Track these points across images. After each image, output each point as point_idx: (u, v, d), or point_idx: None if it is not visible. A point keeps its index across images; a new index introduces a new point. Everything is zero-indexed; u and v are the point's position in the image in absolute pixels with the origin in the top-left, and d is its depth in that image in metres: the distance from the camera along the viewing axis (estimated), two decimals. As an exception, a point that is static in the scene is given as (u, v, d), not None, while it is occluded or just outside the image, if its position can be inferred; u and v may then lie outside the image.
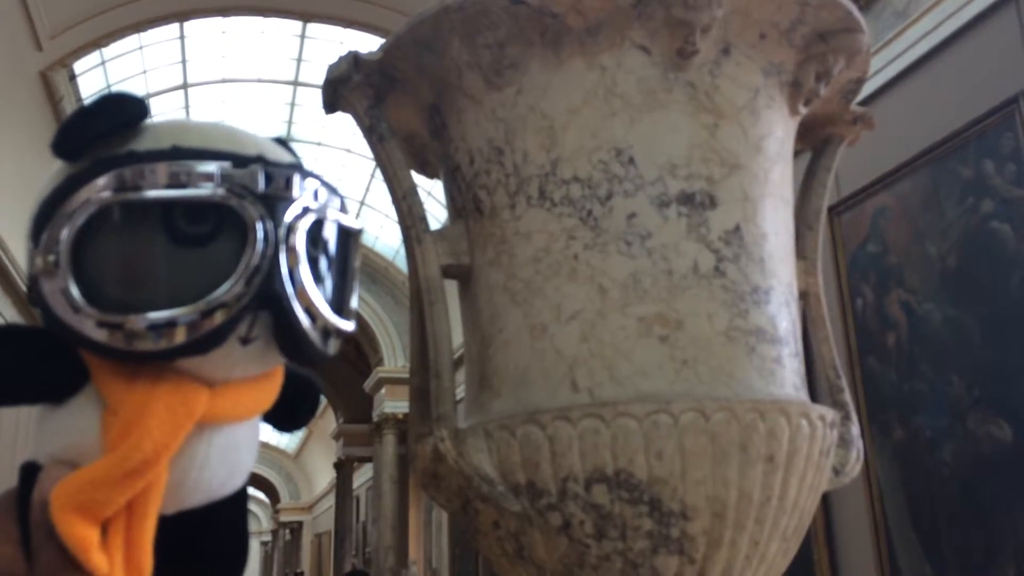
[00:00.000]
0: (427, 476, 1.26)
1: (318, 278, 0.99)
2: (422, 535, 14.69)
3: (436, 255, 1.31)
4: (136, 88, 10.36)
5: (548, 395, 1.19)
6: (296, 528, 30.18)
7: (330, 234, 1.04)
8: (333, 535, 21.80)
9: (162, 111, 11.05)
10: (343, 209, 1.05)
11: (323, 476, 25.92)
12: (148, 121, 1.01)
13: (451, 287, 1.34)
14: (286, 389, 1.11)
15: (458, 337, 1.35)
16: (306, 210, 0.97)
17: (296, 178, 0.98)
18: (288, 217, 0.95)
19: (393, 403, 14.31)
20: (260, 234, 0.92)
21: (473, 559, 10.10)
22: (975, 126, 3.49)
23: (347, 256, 1.08)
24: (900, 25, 4.01)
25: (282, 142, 1.13)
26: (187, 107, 11.40)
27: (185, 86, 11.08)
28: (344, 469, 19.68)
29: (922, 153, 3.76)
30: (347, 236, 1.07)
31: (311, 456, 26.96)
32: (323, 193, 1.02)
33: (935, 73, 3.82)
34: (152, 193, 0.92)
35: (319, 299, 0.97)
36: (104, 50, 8.93)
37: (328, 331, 1.00)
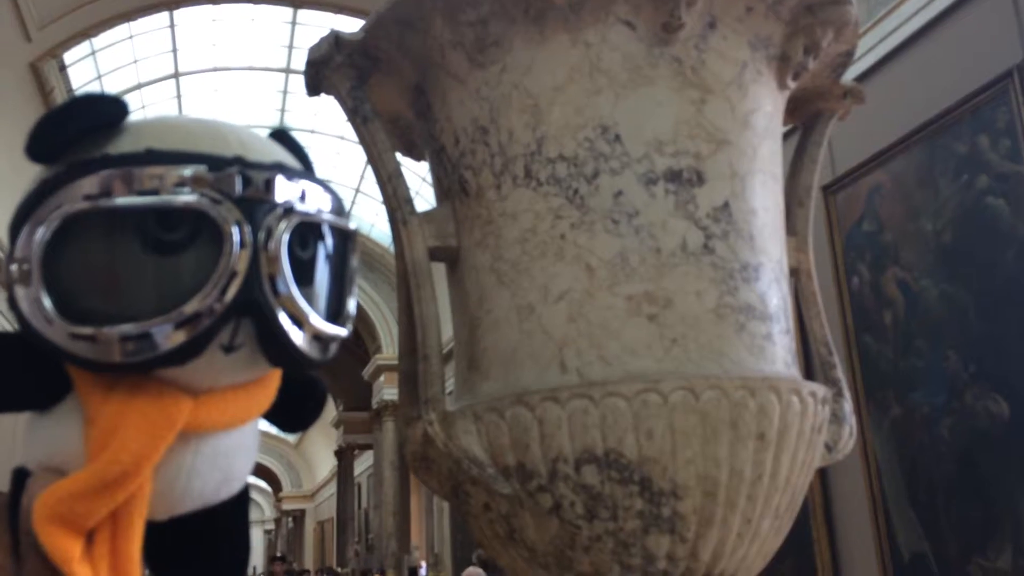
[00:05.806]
0: (417, 460, 1.25)
1: (306, 282, 0.95)
2: (424, 521, 14.74)
3: (423, 237, 1.29)
4: (127, 78, 10.31)
5: (537, 376, 1.17)
6: (299, 516, 30.29)
7: (323, 236, 1.00)
8: (335, 523, 21.89)
9: (154, 100, 11.01)
10: (337, 209, 1.00)
11: (324, 464, 25.98)
12: (128, 120, 0.97)
13: (440, 270, 1.33)
14: (289, 390, 1.07)
15: (448, 326, 1.33)
16: (289, 212, 0.92)
17: (279, 179, 0.93)
18: (268, 221, 0.91)
19: (392, 390, 14.33)
20: (236, 239, 0.88)
21: (475, 543, 10.14)
22: (969, 101, 3.47)
23: (343, 258, 1.03)
24: (894, 1, 3.99)
25: (281, 134, 1.08)
26: (179, 96, 11.36)
27: (176, 75, 11.03)
28: (345, 457, 19.75)
29: (916, 130, 3.74)
30: (343, 237, 1.03)
31: (312, 444, 27.03)
32: (313, 193, 0.97)
33: (929, 49, 3.80)
34: (123, 200, 0.88)
35: (305, 305, 0.93)
36: (94, 40, 8.90)
37: (319, 337, 0.96)
